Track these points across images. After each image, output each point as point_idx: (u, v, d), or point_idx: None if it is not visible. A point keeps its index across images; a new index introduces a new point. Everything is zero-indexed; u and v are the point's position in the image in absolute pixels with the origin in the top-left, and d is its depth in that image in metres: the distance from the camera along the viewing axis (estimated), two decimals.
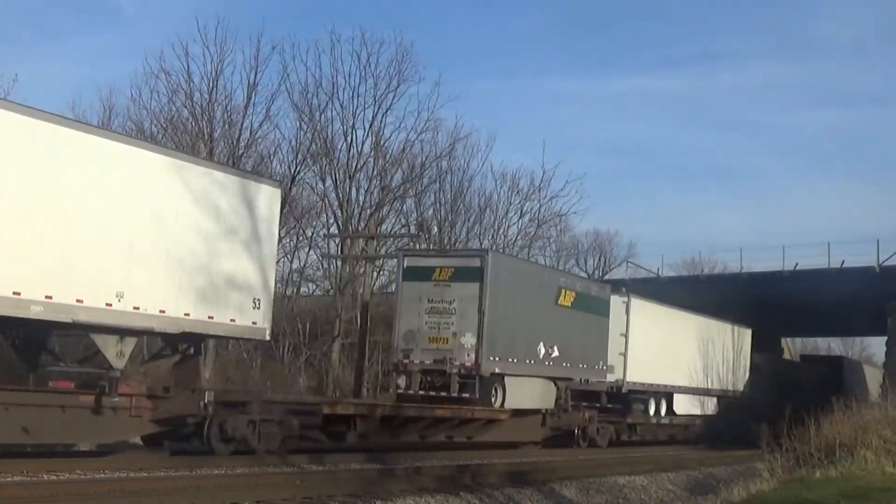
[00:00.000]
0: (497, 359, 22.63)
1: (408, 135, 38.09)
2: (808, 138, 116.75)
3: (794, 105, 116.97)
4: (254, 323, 17.77)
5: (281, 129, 38.03)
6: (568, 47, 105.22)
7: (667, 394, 33.22)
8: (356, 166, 37.08)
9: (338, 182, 37.05)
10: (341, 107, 37.16)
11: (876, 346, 69.64)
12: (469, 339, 22.17)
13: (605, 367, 28.03)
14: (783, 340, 57.02)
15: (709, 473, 23.87)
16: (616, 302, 29.39)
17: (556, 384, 25.52)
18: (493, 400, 22.84)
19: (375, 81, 37.43)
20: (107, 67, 78.50)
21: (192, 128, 34.72)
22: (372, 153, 37.76)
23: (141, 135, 34.68)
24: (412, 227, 38.91)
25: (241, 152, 35.22)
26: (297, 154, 37.32)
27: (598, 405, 29.05)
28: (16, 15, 64.14)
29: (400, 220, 40.09)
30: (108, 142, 15.44)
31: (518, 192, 44.35)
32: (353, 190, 37.24)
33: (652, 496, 19.96)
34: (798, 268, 41.25)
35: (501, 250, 40.10)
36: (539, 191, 43.92)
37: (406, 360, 22.61)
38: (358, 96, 37.27)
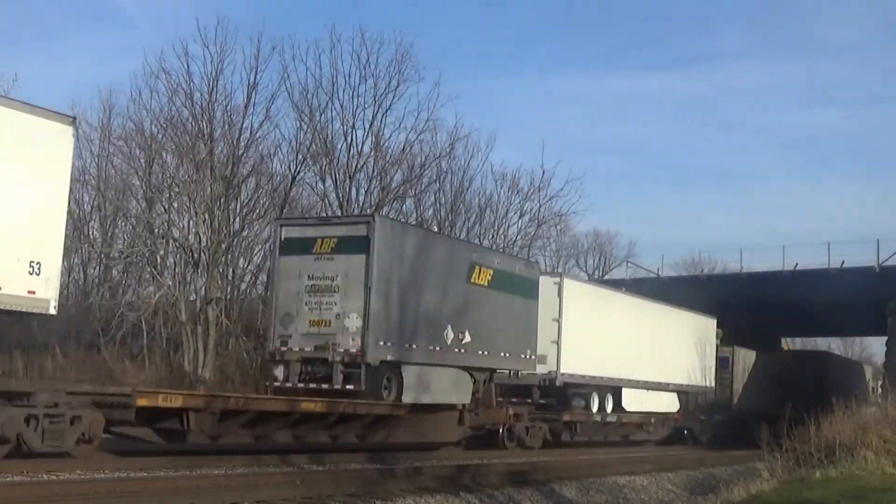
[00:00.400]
0: (389, 344, 19.46)
1: (408, 135, 38.13)
2: (808, 138, 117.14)
3: (793, 105, 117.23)
4: (31, 292, 14.48)
5: (281, 129, 38.06)
6: (568, 47, 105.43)
7: (613, 388, 29.52)
8: (356, 166, 37.10)
9: (338, 182, 37.06)
10: (341, 107, 37.17)
11: (876, 346, 69.76)
12: (354, 322, 19.01)
13: (533, 357, 24.56)
14: (783, 340, 56.97)
15: (709, 473, 23.90)
16: (547, 283, 26.09)
17: (471, 375, 22.25)
18: (385, 392, 19.71)
19: (375, 81, 37.45)
20: (107, 67, 78.66)
21: (192, 128, 34.69)
22: (372, 153, 37.81)
23: (141, 135, 34.81)
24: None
25: (241, 152, 35.26)
26: (297, 154, 37.35)
27: (529, 401, 26.23)
28: (16, 15, 64.18)
29: (400, 220, 40.11)
30: None
31: (518, 192, 44.37)
32: (353, 190, 37.28)
33: (652, 496, 19.98)
34: (798, 268, 41.27)
35: (502, 249, 40.02)
36: (539, 191, 43.88)
37: (284, 348, 19.68)
38: (358, 96, 37.29)
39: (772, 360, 42.89)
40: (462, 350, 21.55)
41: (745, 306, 42.79)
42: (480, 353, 22.23)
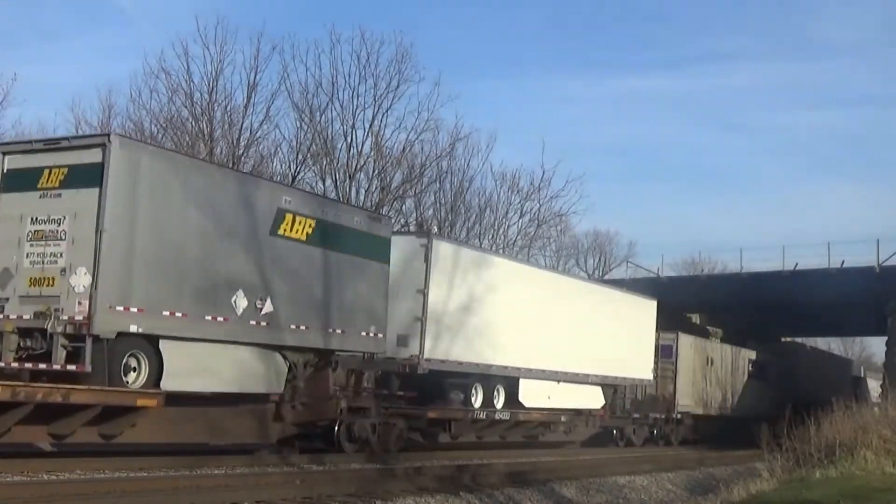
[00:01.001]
0: (135, 310, 14.39)
1: (408, 135, 38.19)
2: (807, 139, 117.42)
3: (793, 105, 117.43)
4: None
5: (281, 129, 38.08)
6: (568, 47, 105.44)
7: (506, 379, 24.03)
8: (356, 166, 37.16)
9: (338, 182, 37.11)
10: (341, 107, 37.25)
11: (876, 346, 69.79)
12: (82, 279, 14.12)
13: (381, 336, 19.33)
14: (782, 340, 57.01)
15: (709, 473, 23.92)
16: (410, 245, 21.08)
17: (284, 357, 17.34)
18: (132, 375, 14.72)
19: (375, 81, 37.52)
20: (107, 67, 78.72)
21: (191, 128, 34.74)
22: (372, 153, 37.84)
23: (141, 135, 34.82)
24: (412, 228, 38.92)
25: (241, 152, 35.28)
26: (297, 154, 37.41)
27: (385, 392, 21.45)
28: (16, 15, 64.20)
29: (400, 220, 40.12)
30: None
31: (518, 192, 44.37)
32: (354, 190, 37.33)
33: (652, 496, 19.99)
34: (798, 268, 41.31)
35: (501, 249, 39.86)
36: (539, 191, 43.90)
37: None
38: (358, 96, 37.36)
39: (724, 352, 39.54)
40: (263, 323, 16.50)
41: (745, 306, 42.80)
42: (293, 327, 17.22)
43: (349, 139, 37.33)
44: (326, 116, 37.15)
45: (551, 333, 25.33)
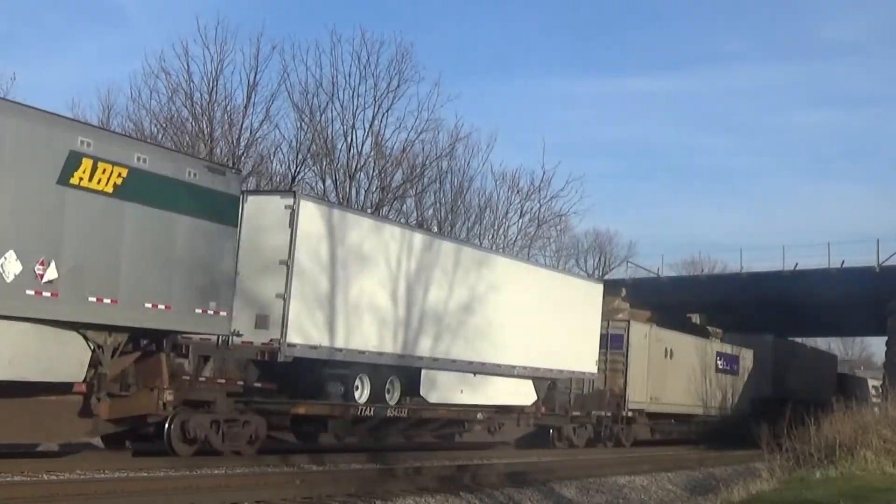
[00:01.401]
0: None
1: (408, 135, 38.16)
2: (807, 139, 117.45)
3: (793, 106, 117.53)
4: None
5: (281, 129, 38.00)
6: (568, 48, 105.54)
7: (403, 370, 20.37)
8: (356, 166, 37.13)
9: (338, 182, 37.09)
10: (341, 107, 37.19)
11: (876, 346, 69.82)
12: None
13: (223, 314, 15.79)
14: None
15: (709, 473, 23.89)
16: (269, 206, 17.51)
17: (85, 338, 13.94)
18: None
19: (375, 81, 37.46)
20: (107, 67, 78.80)
21: (191, 128, 34.73)
22: (372, 153, 37.84)
23: (141, 135, 34.83)
24: (413, 224, 38.94)
25: (241, 152, 35.27)
26: (297, 154, 37.37)
27: (242, 383, 17.27)
28: (17, 15, 64.20)
29: (400, 220, 40.09)
30: None
31: (518, 192, 44.26)
32: (354, 190, 37.31)
33: (652, 496, 19.97)
34: (798, 268, 41.33)
35: (502, 249, 39.84)
36: (539, 191, 43.75)
37: None
38: (358, 96, 37.29)
39: (681, 340, 35.31)
40: (47, 293, 13.17)
41: (746, 306, 42.81)
42: (94, 301, 13.84)
43: (349, 139, 37.33)
44: (326, 116, 37.14)
45: (464, 317, 21.60)
